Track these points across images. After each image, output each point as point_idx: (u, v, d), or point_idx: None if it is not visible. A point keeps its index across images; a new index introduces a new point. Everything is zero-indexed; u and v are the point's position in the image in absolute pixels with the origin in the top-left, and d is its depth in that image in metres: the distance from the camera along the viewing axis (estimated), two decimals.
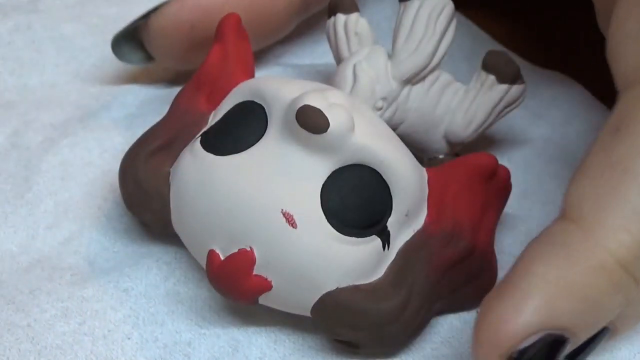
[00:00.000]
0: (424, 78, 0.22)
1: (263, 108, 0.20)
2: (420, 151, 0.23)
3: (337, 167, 0.19)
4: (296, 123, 0.18)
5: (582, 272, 0.16)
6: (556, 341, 0.16)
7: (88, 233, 0.24)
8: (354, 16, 0.23)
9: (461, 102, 0.23)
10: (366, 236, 0.19)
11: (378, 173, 0.19)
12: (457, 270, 0.20)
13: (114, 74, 0.29)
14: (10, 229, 0.24)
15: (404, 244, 0.20)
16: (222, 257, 0.19)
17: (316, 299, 0.19)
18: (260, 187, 0.19)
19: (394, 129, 0.22)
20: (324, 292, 0.19)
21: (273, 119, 0.20)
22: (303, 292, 0.19)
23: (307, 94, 0.18)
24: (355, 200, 0.19)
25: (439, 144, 0.24)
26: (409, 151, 0.20)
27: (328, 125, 0.18)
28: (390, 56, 0.22)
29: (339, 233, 0.19)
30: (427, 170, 0.20)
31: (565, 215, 0.17)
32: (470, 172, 0.20)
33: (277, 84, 0.20)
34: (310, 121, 0.18)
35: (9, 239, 0.24)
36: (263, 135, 0.20)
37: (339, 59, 0.23)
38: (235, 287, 0.19)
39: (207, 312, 0.22)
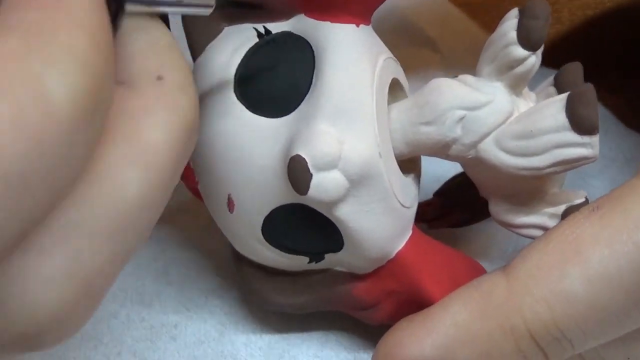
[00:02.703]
0: None
1: (312, 73, 0.17)
2: None
3: (299, 202, 0.17)
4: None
5: (491, 327, 0.16)
6: None
7: None
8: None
9: None
10: (297, 254, 0.19)
11: (337, 229, 0.17)
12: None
13: None
14: None
15: (330, 270, 0.19)
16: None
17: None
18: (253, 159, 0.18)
19: None
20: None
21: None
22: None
23: (319, 135, 0.16)
24: (298, 233, 0.18)
25: None
26: (399, 226, 0.18)
27: (307, 190, 0.16)
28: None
29: (270, 245, 0.18)
30: (401, 253, 0.18)
31: (505, 267, 0.17)
32: (421, 299, 0.18)
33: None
34: (293, 176, 0.16)
35: None
36: (302, 102, 0.17)
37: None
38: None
39: (195, 295, 0.22)
